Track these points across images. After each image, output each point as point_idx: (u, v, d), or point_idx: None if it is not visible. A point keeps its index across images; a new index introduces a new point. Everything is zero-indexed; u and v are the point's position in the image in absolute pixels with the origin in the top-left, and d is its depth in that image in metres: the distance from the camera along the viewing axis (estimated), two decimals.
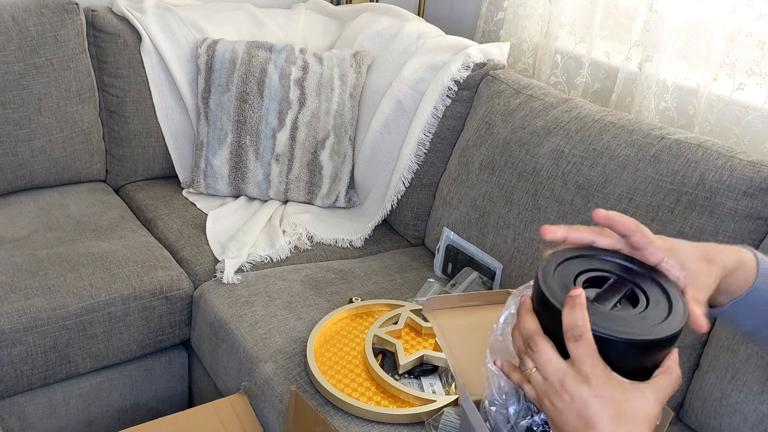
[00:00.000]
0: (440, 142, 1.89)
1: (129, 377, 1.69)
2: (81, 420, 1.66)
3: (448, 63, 1.88)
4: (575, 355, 0.64)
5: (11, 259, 1.61)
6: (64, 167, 1.96)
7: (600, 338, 0.64)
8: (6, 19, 1.81)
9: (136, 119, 2.03)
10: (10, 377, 1.50)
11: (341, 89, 1.98)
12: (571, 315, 0.64)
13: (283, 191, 2.00)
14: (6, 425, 1.55)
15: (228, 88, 1.96)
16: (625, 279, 0.71)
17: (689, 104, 1.71)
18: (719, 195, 1.35)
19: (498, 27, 2.23)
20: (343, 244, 1.89)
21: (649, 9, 1.72)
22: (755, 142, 1.60)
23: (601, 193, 1.49)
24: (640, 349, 0.64)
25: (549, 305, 0.67)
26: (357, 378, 1.36)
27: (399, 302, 1.55)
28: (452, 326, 0.83)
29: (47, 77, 1.86)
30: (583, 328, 0.63)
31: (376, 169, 1.98)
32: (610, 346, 0.64)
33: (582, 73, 1.94)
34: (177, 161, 2.09)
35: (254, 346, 1.47)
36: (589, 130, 1.57)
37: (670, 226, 1.39)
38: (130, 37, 2.00)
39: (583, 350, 0.63)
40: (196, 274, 1.72)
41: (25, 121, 1.84)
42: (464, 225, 1.75)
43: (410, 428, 1.27)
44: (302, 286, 1.65)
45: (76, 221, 1.82)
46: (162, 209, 1.95)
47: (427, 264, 1.84)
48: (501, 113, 1.75)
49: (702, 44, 1.68)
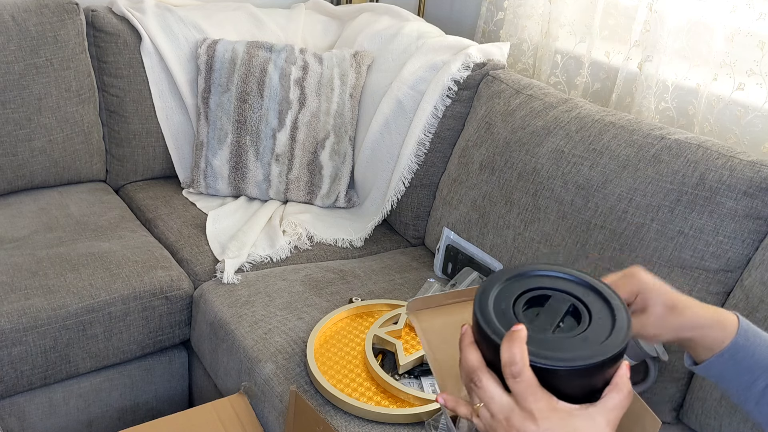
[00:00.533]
0: (440, 142, 1.89)
1: (129, 377, 1.69)
2: (81, 420, 1.66)
3: (448, 63, 1.88)
4: (516, 391, 0.63)
5: (11, 259, 1.61)
6: (64, 167, 1.96)
7: (541, 369, 0.63)
8: (6, 19, 1.82)
9: (136, 119, 2.03)
10: (10, 377, 1.50)
11: (341, 89, 1.98)
12: (509, 351, 0.63)
13: (283, 191, 2.00)
14: (6, 425, 1.55)
15: (228, 88, 1.96)
16: (565, 294, 0.69)
17: (689, 104, 1.71)
18: (719, 195, 1.35)
19: (498, 27, 2.23)
20: (343, 244, 1.89)
21: (649, 9, 1.72)
22: (755, 142, 1.60)
23: (601, 193, 1.49)
24: (584, 373, 0.63)
25: (488, 338, 0.65)
26: (357, 378, 1.36)
27: (399, 302, 1.55)
28: (434, 326, 0.82)
29: (47, 77, 1.86)
30: (521, 364, 0.62)
31: (376, 169, 1.98)
32: (553, 375, 0.63)
33: (582, 73, 1.94)
34: (177, 161, 2.09)
35: (254, 346, 1.47)
36: (589, 130, 1.57)
37: (670, 226, 1.39)
38: (130, 37, 2.00)
39: (523, 386, 0.63)
40: (196, 274, 1.72)
41: (25, 121, 1.84)
42: (464, 225, 1.75)
43: (410, 428, 1.27)
44: (302, 286, 1.65)
45: (76, 221, 1.82)
46: (162, 209, 1.95)
47: (427, 264, 1.84)
48: (501, 113, 1.75)
49: (702, 44, 1.68)
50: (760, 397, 0.76)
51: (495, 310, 0.67)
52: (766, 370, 0.76)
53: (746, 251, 1.34)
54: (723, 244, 1.35)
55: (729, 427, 1.28)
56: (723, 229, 1.34)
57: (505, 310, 0.68)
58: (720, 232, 1.35)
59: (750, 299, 1.28)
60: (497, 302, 0.68)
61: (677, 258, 1.38)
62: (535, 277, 0.71)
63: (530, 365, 0.63)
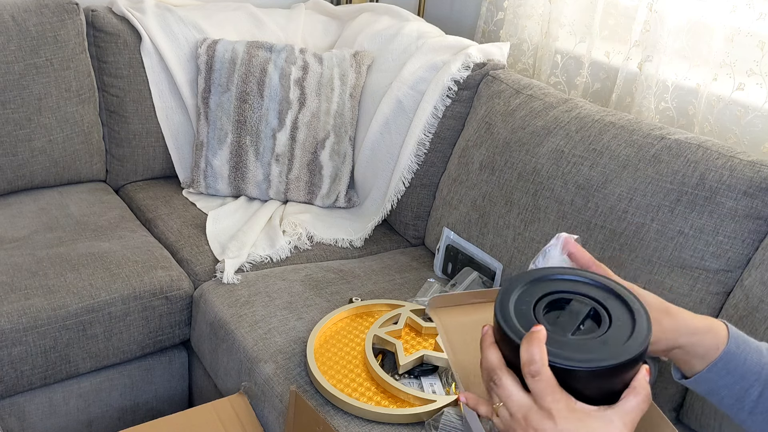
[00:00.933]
0: (440, 142, 1.89)
1: (129, 377, 1.69)
2: (81, 420, 1.66)
3: (448, 63, 1.88)
4: (535, 391, 0.64)
5: (11, 259, 1.61)
6: (64, 167, 1.96)
7: (560, 369, 0.63)
8: (6, 19, 1.82)
9: (136, 119, 2.03)
10: (10, 377, 1.50)
11: (341, 89, 1.98)
12: (528, 351, 0.63)
13: (283, 191, 2.00)
14: (6, 425, 1.55)
15: (228, 88, 1.96)
16: (586, 297, 0.70)
17: (689, 104, 1.71)
18: (719, 195, 1.35)
19: (498, 27, 2.23)
20: (343, 244, 1.89)
21: (649, 9, 1.72)
22: (755, 142, 1.60)
23: (601, 193, 1.49)
24: (602, 375, 0.64)
25: (508, 339, 0.66)
26: (357, 378, 1.36)
27: (399, 302, 1.55)
28: (455, 325, 0.82)
29: (47, 77, 1.86)
30: (540, 363, 0.63)
31: (376, 169, 1.98)
32: (572, 376, 0.63)
33: (582, 73, 1.94)
34: (177, 161, 2.09)
35: (254, 346, 1.47)
36: (589, 130, 1.57)
37: (670, 226, 1.39)
38: (130, 37, 2.00)
39: (542, 386, 0.63)
40: (196, 274, 1.72)
41: (25, 121, 1.84)
42: (464, 225, 1.75)
43: (410, 428, 1.27)
44: (302, 286, 1.65)
45: (76, 221, 1.82)
46: (162, 209, 1.95)
47: (427, 264, 1.84)
48: (501, 113, 1.75)
49: (702, 44, 1.68)
50: (754, 405, 0.76)
51: (516, 311, 0.68)
52: (758, 377, 0.76)
53: (746, 251, 1.34)
54: (723, 244, 1.35)
55: (729, 428, 1.28)
56: (723, 229, 1.34)
57: (526, 311, 0.68)
58: (720, 232, 1.35)
59: (750, 299, 1.28)
60: (518, 304, 0.69)
61: (677, 258, 1.38)
62: (557, 281, 0.72)
63: (549, 365, 0.63)
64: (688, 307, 1.36)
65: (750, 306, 1.28)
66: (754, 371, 0.76)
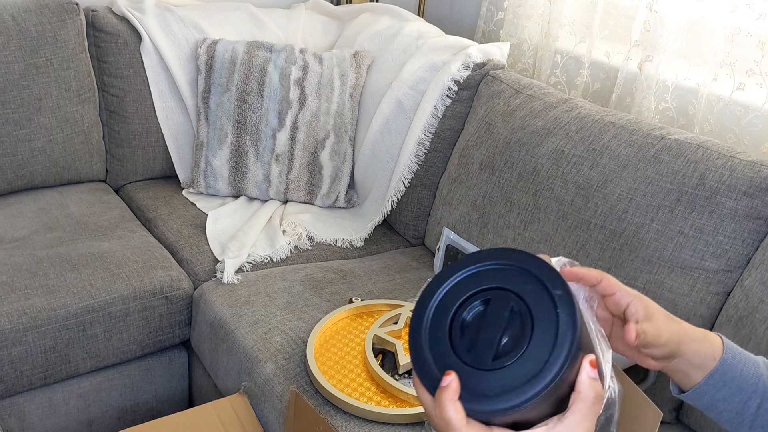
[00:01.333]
0: (440, 142, 1.89)
1: (129, 377, 1.69)
2: (81, 420, 1.66)
3: (448, 63, 1.89)
4: None
5: (11, 259, 1.61)
6: (64, 167, 1.96)
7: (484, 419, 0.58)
8: (6, 19, 1.82)
9: (136, 119, 2.03)
10: (10, 377, 1.50)
11: (341, 89, 1.98)
12: (442, 416, 0.58)
13: (283, 191, 2.00)
14: (6, 425, 1.55)
15: (228, 88, 1.96)
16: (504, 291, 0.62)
17: (689, 104, 1.71)
18: (719, 195, 1.35)
19: (498, 27, 2.23)
20: (343, 244, 1.89)
21: (649, 9, 1.72)
22: (755, 142, 1.60)
23: (601, 193, 1.49)
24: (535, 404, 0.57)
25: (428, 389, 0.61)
26: (357, 378, 1.36)
27: (399, 302, 1.55)
28: None
29: (47, 77, 1.86)
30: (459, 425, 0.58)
31: (376, 169, 1.98)
32: (502, 416, 0.58)
33: (582, 73, 1.94)
34: (177, 161, 2.09)
35: (254, 346, 1.47)
36: (589, 130, 1.57)
37: (670, 226, 1.39)
38: (130, 37, 2.00)
39: None
40: (196, 274, 1.72)
41: (25, 121, 1.84)
42: (464, 225, 1.75)
43: (410, 428, 1.27)
44: (302, 286, 1.65)
45: (76, 221, 1.82)
46: (162, 209, 1.95)
47: (427, 264, 1.84)
48: (501, 113, 1.75)
49: (702, 44, 1.68)
50: (753, 419, 0.76)
51: (431, 343, 0.61)
52: (755, 388, 0.76)
53: (746, 251, 1.34)
54: (723, 244, 1.35)
55: None
56: (723, 229, 1.34)
57: (441, 338, 0.61)
58: (720, 232, 1.35)
59: (750, 299, 1.28)
60: (433, 329, 0.62)
61: (677, 258, 1.38)
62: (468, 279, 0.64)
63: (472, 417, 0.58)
64: (688, 307, 1.37)
65: (750, 306, 1.28)
66: (750, 382, 0.76)
